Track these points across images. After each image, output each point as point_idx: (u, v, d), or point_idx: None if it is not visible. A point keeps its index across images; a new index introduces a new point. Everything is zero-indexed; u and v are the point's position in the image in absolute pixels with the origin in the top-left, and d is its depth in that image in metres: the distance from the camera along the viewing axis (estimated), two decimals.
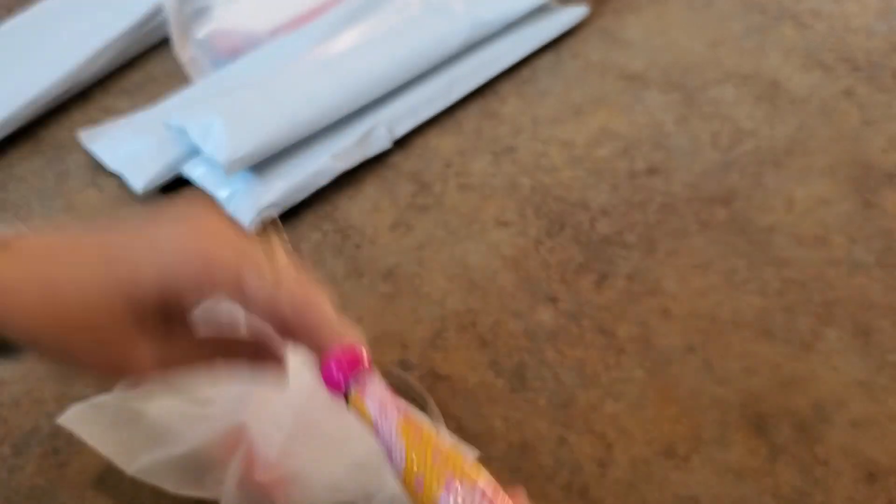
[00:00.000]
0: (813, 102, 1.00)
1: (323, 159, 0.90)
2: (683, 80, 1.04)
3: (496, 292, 0.82)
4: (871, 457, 0.69)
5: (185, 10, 1.06)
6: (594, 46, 1.08)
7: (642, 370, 0.75)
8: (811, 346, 0.77)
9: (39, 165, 0.99)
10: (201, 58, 1.08)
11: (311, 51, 0.98)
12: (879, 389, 0.73)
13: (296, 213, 0.91)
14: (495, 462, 0.70)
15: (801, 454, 0.70)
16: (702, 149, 0.96)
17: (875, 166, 0.92)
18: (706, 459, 0.70)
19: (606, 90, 1.03)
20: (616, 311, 0.80)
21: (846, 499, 0.67)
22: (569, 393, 0.74)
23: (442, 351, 0.78)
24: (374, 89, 0.95)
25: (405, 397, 0.66)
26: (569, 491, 0.68)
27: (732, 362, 0.76)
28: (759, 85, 1.03)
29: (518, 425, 0.72)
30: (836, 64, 1.05)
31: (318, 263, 0.86)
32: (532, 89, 1.04)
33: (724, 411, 0.72)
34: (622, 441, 0.71)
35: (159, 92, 1.06)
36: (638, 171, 0.94)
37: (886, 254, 0.84)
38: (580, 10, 1.10)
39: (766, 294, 0.81)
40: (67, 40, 1.05)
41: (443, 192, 0.93)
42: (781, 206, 0.89)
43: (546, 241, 0.87)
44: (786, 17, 1.12)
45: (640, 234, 0.87)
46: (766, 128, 0.98)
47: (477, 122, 1.00)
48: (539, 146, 0.97)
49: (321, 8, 1.09)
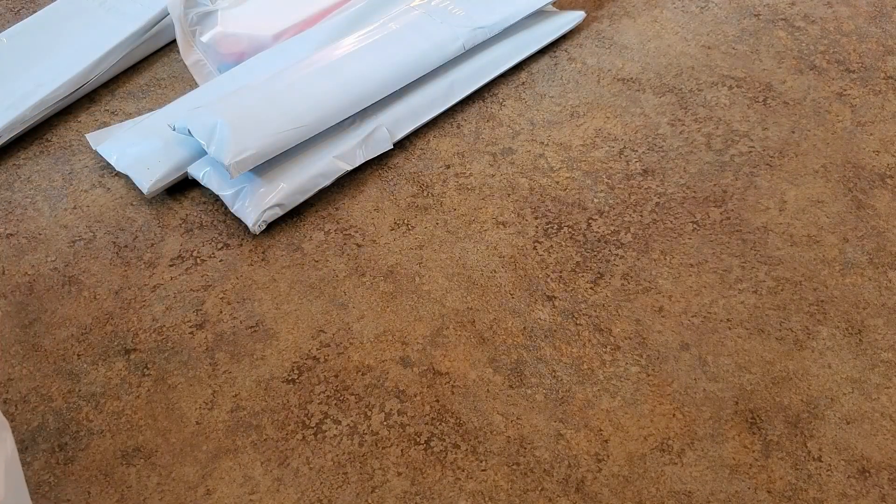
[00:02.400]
0: (806, 105, 1.02)
1: (325, 161, 0.92)
2: (678, 83, 1.05)
3: (495, 291, 0.83)
4: (864, 452, 0.70)
5: (190, 14, 1.08)
6: (590, 50, 1.10)
7: (637, 367, 0.77)
8: (804, 343, 0.78)
9: (47, 166, 1.00)
10: (206, 61, 1.09)
11: (314, 55, 1.00)
12: (872, 387, 0.74)
13: (299, 213, 0.92)
14: (494, 457, 0.72)
15: (795, 450, 0.71)
16: (696, 150, 0.97)
17: (867, 167, 0.94)
18: (700, 455, 0.71)
19: (602, 93, 1.05)
20: (612, 310, 0.81)
21: (839, 494, 0.68)
22: (566, 389, 0.75)
23: (441, 348, 0.79)
24: (375, 93, 0.96)
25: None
26: (566, 485, 0.69)
27: (726, 359, 0.77)
28: (753, 87, 1.04)
29: (516, 421, 0.73)
30: (828, 67, 1.06)
31: (320, 262, 0.88)
32: (530, 92, 1.05)
33: (717, 408, 0.73)
34: (618, 436, 0.72)
35: (165, 95, 1.08)
36: (633, 172, 0.95)
37: (878, 253, 0.85)
38: (577, 15, 1.12)
39: (760, 293, 0.82)
40: (74, 44, 1.07)
41: (442, 192, 0.94)
42: (775, 207, 0.90)
43: (543, 240, 0.88)
44: (779, 21, 1.13)
45: (636, 233, 0.88)
46: (759, 129, 0.99)
47: (476, 124, 1.02)
48: (537, 148, 0.98)
49: (324, 13, 1.10)
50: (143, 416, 0.75)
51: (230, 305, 0.84)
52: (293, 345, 0.80)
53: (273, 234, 0.91)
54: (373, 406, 0.75)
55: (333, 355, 0.79)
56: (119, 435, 0.74)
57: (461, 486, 0.69)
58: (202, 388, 0.77)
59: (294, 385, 0.77)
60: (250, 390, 0.77)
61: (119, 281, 0.86)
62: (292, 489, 0.70)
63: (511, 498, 0.68)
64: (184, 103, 1.00)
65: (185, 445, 0.73)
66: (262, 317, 0.83)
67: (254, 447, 0.72)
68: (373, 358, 0.78)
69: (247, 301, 0.84)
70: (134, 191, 0.96)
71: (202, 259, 0.89)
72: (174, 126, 0.92)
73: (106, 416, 0.75)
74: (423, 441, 0.72)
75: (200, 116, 0.89)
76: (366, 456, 0.71)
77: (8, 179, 0.99)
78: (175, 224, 0.92)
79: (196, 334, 0.81)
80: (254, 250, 0.89)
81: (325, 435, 0.73)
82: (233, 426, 0.74)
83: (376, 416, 0.74)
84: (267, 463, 0.71)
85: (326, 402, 0.75)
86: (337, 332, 0.81)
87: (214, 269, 0.87)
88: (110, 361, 0.79)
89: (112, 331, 0.82)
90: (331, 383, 0.77)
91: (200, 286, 0.86)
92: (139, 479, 0.71)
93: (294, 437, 0.73)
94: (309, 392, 0.76)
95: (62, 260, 0.89)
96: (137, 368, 0.79)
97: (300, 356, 0.79)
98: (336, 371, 0.78)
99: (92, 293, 0.85)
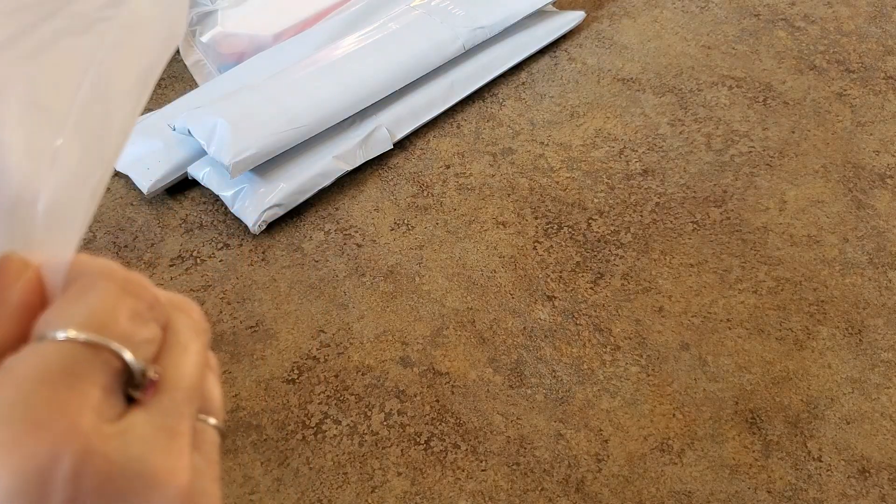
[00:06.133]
0: (806, 104, 1.02)
1: (325, 161, 0.92)
2: (678, 83, 1.05)
3: (495, 291, 0.83)
4: (864, 452, 0.70)
5: (190, 14, 1.08)
6: (590, 50, 1.10)
7: (637, 367, 0.77)
8: (804, 343, 0.78)
9: None
10: (206, 61, 1.09)
11: (314, 55, 1.00)
12: (872, 387, 0.74)
13: (299, 213, 0.92)
14: (494, 457, 0.72)
15: (795, 450, 0.71)
16: (696, 150, 0.97)
17: (867, 167, 0.94)
18: (700, 455, 0.71)
19: (602, 93, 1.05)
20: (612, 310, 0.81)
21: (839, 494, 0.68)
22: (566, 389, 0.75)
23: (442, 348, 0.79)
24: (375, 92, 0.96)
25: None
26: (566, 485, 0.69)
27: (726, 359, 0.77)
28: (753, 87, 1.04)
29: (516, 421, 0.73)
30: (828, 67, 1.06)
31: (320, 262, 0.88)
32: (530, 92, 1.05)
33: (717, 407, 0.73)
34: (618, 436, 0.72)
35: (165, 95, 1.08)
36: (633, 172, 0.95)
37: (879, 253, 0.85)
38: (577, 15, 1.12)
39: (760, 293, 0.82)
40: None
41: (442, 192, 0.94)
42: (775, 207, 0.90)
43: (544, 240, 0.88)
44: (778, 21, 1.13)
45: (636, 233, 0.88)
46: (759, 130, 0.99)
47: (476, 124, 1.02)
48: (536, 148, 0.98)
49: (324, 13, 1.10)
50: None
51: (230, 305, 0.84)
52: (293, 345, 0.80)
53: (273, 234, 0.91)
54: (373, 406, 0.75)
55: (333, 355, 0.79)
56: None
57: (461, 486, 0.69)
58: None
59: (294, 385, 0.77)
60: (250, 390, 0.77)
61: None
62: (292, 489, 0.70)
63: (511, 498, 0.68)
64: (184, 103, 1.00)
65: None
66: (262, 317, 0.82)
67: (254, 447, 0.72)
68: (373, 358, 0.78)
69: (247, 301, 0.84)
70: (134, 191, 0.96)
71: (202, 259, 0.88)
72: (174, 126, 0.92)
73: None
74: (423, 441, 0.72)
75: (200, 116, 0.89)
76: (366, 456, 0.71)
77: None
78: (175, 224, 0.92)
79: None
80: (254, 250, 0.89)
81: (325, 435, 0.73)
82: (233, 426, 0.74)
83: (376, 416, 0.74)
84: (267, 463, 0.71)
85: (326, 402, 0.75)
86: (337, 332, 0.81)
87: (214, 269, 0.87)
88: None
89: None
90: (331, 383, 0.77)
91: (200, 286, 0.86)
92: None
93: (294, 437, 0.73)
94: (309, 392, 0.76)
95: None
96: None
97: (300, 356, 0.79)
98: (336, 371, 0.78)
99: None
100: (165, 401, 0.16)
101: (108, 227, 0.93)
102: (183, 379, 0.17)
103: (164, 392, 0.16)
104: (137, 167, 0.93)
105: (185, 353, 0.17)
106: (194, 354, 0.18)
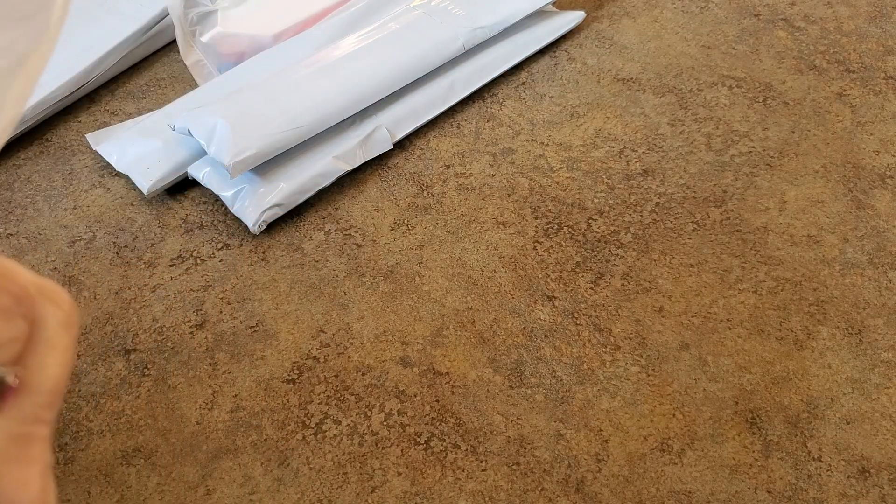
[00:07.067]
0: (806, 105, 1.02)
1: (325, 161, 0.92)
2: (678, 83, 1.05)
3: (495, 291, 0.83)
4: (864, 452, 0.70)
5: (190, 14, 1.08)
6: (590, 50, 1.10)
7: (637, 367, 0.77)
8: (804, 343, 0.78)
9: (47, 166, 1.00)
10: (206, 61, 1.09)
11: (314, 55, 1.00)
12: (872, 387, 0.74)
13: (299, 213, 0.92)
14: (494, 457, 0.72)
15: (795, 450, 0.71)
16: (696, 150, 0.97)
17: (867, 167, 0.94)
18: (700, 455, 0.71)
19: (602, 93, 1.05)
20: (612, 310, 0.81)
21: (839, 494, 0.68)
22: (566, 389, 0.75)
23: (442, 348, 0.79)
24: (375, 92, 0.96)
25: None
26: (566, 485, 0.69)
27: (726, 359, 0.77)
28: (753, 87, 1.04)
29: (516, 421, 0.73)
30: (828, 67, 1.06)
31: (320, 262, 0.88)
32: (530, 92, 1.05)
33: (717, 407, 0.73)
34: (618, 436, 0.72)
35: (165, 95, 1.08)
36: (633, 172, 0.95)
37: (878, 253, 0.85)
38: (577, 15, 1.12)
39: (760, 293, 0.82)
40: (74, 44, 1.07)
41: (442, 192, 0.94)
42: (775, 207, 0.90)
43: (544, 240, 0.88)
44: (779, 21, 1.13)
45: (636, 233, 0.88)
46: (759, 130, 0.99)
47: (476, 124, 1.02)
48: (536, 148, 0.98)
49: (324, 13, 1.10)
50: (143, 417, 0.75)
51: (230, 305, 0.84)
52: (293, 345, 0.80)
53: (273, 234, 0.91)
54: (373, 406, 0.75)
55: (333, 355, 0.79)
56: (119, 435, 0.74)
57: (461, 487, 0.69)
58: (202, 388, 0.77)
59: (294, 385, 0.77)
60: (250, 390, 0.77)
61: (119, 281, 0.86)
62: (292, 489, 0.70)
63: (511, 498, 0.68)
64: (184, 103, 1.00)
65: (185, 445, 0.73)
66: (262, 317, 0.82)
67: (254, 447, 0.72)
68: (373, 358, 0.78)
69: (247, 301, 0.84)
70: (134, 191, 0.96)
71: (202, 259, 0.89)
72: (174, 126, 0.92)
73: (106, 417, 0.75)
74: (423, 441, 0.72)
75: (200, 116, 0.89)
76: (366, 456, 0.71)
77: (8, 179, 0.99)
78: (175, 224, 0.92)
79: (196, 334, 0.81)
80: (254, 250, 0.89)
81: (325, 435, 0.73)
82: (233, 426, 0.74)
83: (376, 416, 0.74)
84: (267, 463, 0.71)
85: (326, 402, 0.75)
86: (337, 332, 0.81)
87: (214, 269, 0.87)
88: (110, 361, 0.79)
89: (112, 331, 0.82)
90: (331, 383, 0.77)
91: (200, 286, 0.86)
92: (139, 479, 0.71)
93: (294, 437, 0.73)
94: (309, 392, 0.76)
95: (62, 260, 0.89)
96: (137, 368, 0.79)
97: (300, 356, 0.79)
98: (336, 371, 0.78)
99: (92, 293, 0.85)
100: (26, 406, 0.15)
101: (108, 227, 0.93)
102: (46, 381, 0.15)
103: (26, 396, 0.15)
104: (137, 167, 0.93)
105: (51, 351, 0.16)
106: (62, 352, 0.16)
